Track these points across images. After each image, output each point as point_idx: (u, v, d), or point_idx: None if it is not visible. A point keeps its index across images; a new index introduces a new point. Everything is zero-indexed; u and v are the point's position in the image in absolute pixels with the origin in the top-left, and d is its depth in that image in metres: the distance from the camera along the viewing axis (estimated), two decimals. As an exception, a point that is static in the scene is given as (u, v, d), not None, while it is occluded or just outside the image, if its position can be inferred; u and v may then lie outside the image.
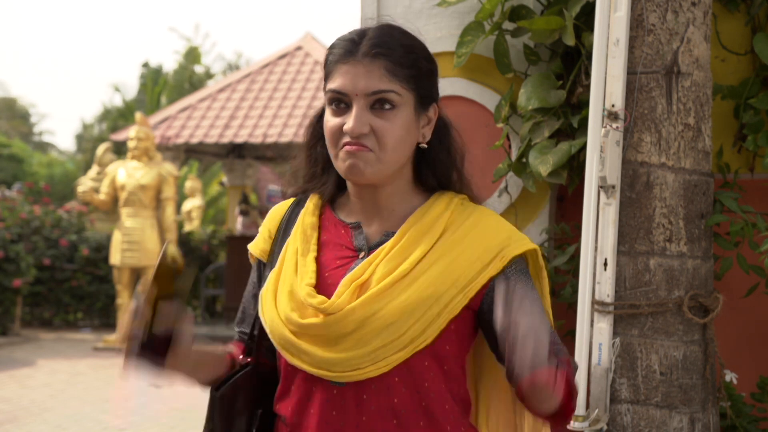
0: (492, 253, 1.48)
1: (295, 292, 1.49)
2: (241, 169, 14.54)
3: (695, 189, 2.38)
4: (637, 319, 2.36)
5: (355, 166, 1.46)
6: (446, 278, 1.45)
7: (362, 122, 1.45)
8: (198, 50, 24.14)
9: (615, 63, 2.36)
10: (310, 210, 1.59)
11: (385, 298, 1.43)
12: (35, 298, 12.31)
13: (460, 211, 1.54)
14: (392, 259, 1.47)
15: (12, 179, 22.35)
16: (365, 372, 1.43)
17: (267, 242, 1.64)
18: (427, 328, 1.43)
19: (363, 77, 1.45)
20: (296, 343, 1.46)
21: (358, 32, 1.50)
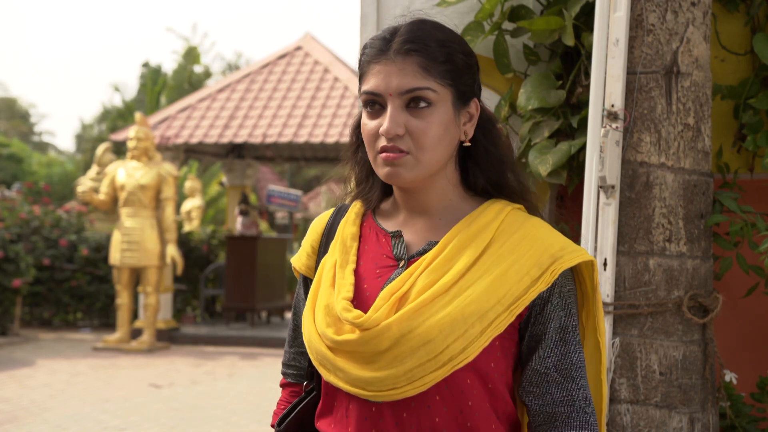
0: (542, 268, 1.40)
1: (332, 307, 1.43)
2: (240, 169, 14.54)
3: (695, 189, 2.38)
4: (637, 319, 2.36)
5: (394, 173, 1.41)
6: (491, 295, 1.37)
7: (397, 123, 1.39)
8: (197, 50, 24.13)
9: (615, 63, 2.36)
10: (351, 219, 1.53)
11: (423, 314, 1.36)
12: (35, 298, 12.31)
13: (511, 221, 1.45)
14: (434, 270, 1.40)
15: (11, 179, 22.35)
16: (402, 391, 1.36)
17: (311, 258, 1.58)
18: (468, 347, 1.35)
19: (396, 76, 1.39)
20: (332, 359, 1.41)
21: (390, 30, 1.45)
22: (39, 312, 12.78)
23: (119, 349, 10.55)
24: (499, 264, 1.40)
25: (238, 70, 21.40)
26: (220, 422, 6.79)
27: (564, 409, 1.40)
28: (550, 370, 1.41)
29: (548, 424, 1.41)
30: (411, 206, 1.49)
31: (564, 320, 1.42)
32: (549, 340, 1.41)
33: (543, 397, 1.41)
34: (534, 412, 1.43)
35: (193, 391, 8.12)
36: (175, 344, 11.36)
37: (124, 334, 10.74)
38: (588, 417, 1.41)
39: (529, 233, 1.43)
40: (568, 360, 1.41)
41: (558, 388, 1.41)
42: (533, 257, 1.40)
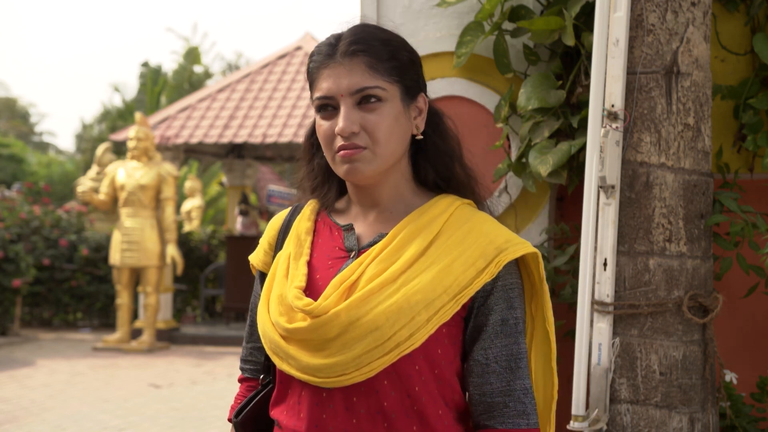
0: (487, 259, 1.45)
1: (285, 296, 1.49)
2: (240, 169, 14.54)
3: (695, 189, 2.38)
4: (637, 319, 2.36)
5: (354, 169, 1.46)
6: (438, 285, 1.43)
7: (351, 121, 1.44)
8: (197, 50, 24.13)
9: (615, 63, 2.36)
10: (306, 215, 1.59)
11: (371, 302, 1.41)
12: (35, 298, 12.31)
13: (459, 215, 1.51)
14: (383, 260, 1.45)
15: (12, 179, 22.35)
16: (351, 377, 1.41)
17: (268, 254, 1.64)
18: (414, 333, 1.41)
19: (345, 77, 1.45)
20: (285, 348, 1.46)
21: (334, 36, 1.50)
22: (39, 312, 12.78)
23: (119, 349, 10.55)
24: (447, 255, 1.45)
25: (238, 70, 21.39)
26: (220, 422, 6.79)
27: (502, 399, 1.46)
28: (490, 361, 1.47)
29: (487, 413, 1.47)
30: (364, 201, 1.55)
31: (505, 313, 1.48)
32: (490, 332, 1.47)
33: (483, 387, 1.47)
34: (474, 401, 1.49)
35: (193, 391, 8.12)
36: (175, 344, 11.36)
37: (124, 334, 10.74)
38: (525, 407, 1.46)
39: (476, 227, 1.49)
40: (508, 351, 1.47)
41: (497, 378, 1.47)
42: (479, 249, 1.46)
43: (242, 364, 1.74)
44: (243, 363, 1.74)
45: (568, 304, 2.78)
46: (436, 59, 2.96)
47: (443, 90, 2.94)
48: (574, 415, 2.35)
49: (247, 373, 1.73)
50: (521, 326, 1.49)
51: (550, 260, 2.79)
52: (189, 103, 12.79)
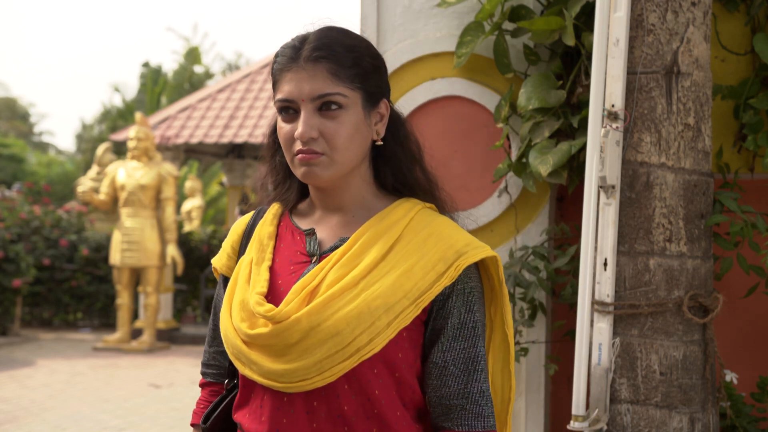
0: (447, 263, 1.46)
1: (246, 302, 1.49)
2: (240, 169, 14.54)
3: (695, 189, 2.38)
4: (637, 319, 2.36)
5: (311, 173, 1.47)
6: (398, 289, 1.43)
7: (311, 126, 1.45)
8: (198, 50, 24.12)
9: (615, 63, 2.36)
10: (269, 220, 1.60)
11: (331, 307, 1.42)
12: (35, 298, 12.31)
13: (420, 219, 1.52)
14: (343, 265, 1.46)
15: (12, 179, 22.36)
16: (312, 382, 1.42)
17: (231, 258, 1.65)
18: (374, 338, 1.42)
19: (307, 82, 1.46)
20: (247, 353, 1.47)
21: (299, 38, 1.51)
22: (39, 312, 12.78)
23: (119, 349, 10.55)
24: (407, 260, 1.46)
25: (238, 70, 21.39)
26: (220, 422, 6.79)
27: (459, 401, 1.48)
28: (448, 364, 1.48)
29: (445, 415, 1.49)
30: (326, 204, 1.56)
31: (464, 316, 1.49)
32: (448, 335, 1.48)
33: (441, 389, 1.49)
34: (433, 403, 1.50)
35: (193, 391, 8.12)
36: (175, 344, 11.37)
37: (124, 334, 10.74)
38: (482, 409, 1.48)
39: (436, 231, 1.50)
40: (466, 354, 1.48)
41: (455, 381, 1.48)
42: (439, 253, 1.47)
43: (204, 368, 1.74)
44: (205, 367, 1.74)
45: (568, 304, 2.78)
46: (437, 59, 2.96)
47: (443, 90, 2.94)
48: (575, 415, 2.35)
49: (209, 377, 1.73)
50: (480, 329, 1.51)
51: (550, 260, 2.79)
52: (189, 103, 12.79)
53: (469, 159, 2.93)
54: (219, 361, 1.71)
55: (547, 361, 2.82)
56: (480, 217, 2.89)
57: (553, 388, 2.95)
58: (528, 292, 2.72)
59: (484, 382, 1.50)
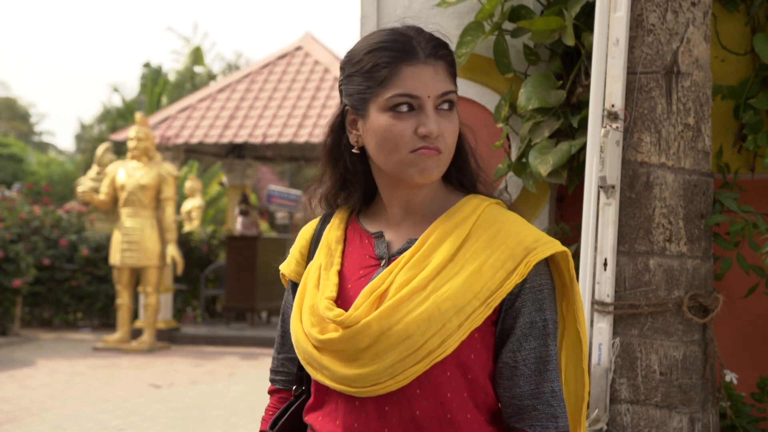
0: (516, 260, 1.43)
1: (316, 307, 1.48)
2: (240, 169, 14.54)
3: (695, 189, 2.38)
4: (637, 319, 2.36)
5: (429, 170, 1.44)
6: (468, 290, 1.41)
7: (438, 123, 1.43)
8: (201, 50, 24.11)
9: (615, 63, 2.36)
10: (336, 224, 1.57)
11: (401, 310, 1.40)
12: (35, 298, 12.31)
13: (487, 216, 1.49)
14: (412, 267, 1.44)
15: (12, 179, 22.36)
16: (384, 386, 1.41)
17: (300, 264, 1.62)
18: (446, 340, 1.40)
19: (431, 78, 1.43)
20: (318, 358, 1.45)
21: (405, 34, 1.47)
22: (39, 312, 12.78)
23: (119, 349, 10.55)
24: (475, 259, 1.44)
25: (238, 70, 21.39)
26: (220, 422, 6.79)
27: (530, 402, 1.45)
28: (519, 364, 1.45)
29: (517, 415, 1.46)
30: (402, 204, 1.52)
31: (534, 315, 1.46)
32: (518, 334, 1.45)
33: (512, 389, 1.46)
34: (504, 403, 1.48)
35: (193, 391, 8.12)
36: (175, 344, 11.36)
37: (124, 334, 10.74)
38: (554, 410, 1.45)
39: (504, 227, 1.47)
40: (537, 354, 1.45)
41: (526, 381, 1.45)
42: (508, 250, 1.44)
43: (273, 375, 1.71)
44: (274, 374, 1.71)
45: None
46: (437, 59, 2.96)
47: (443, 90, 2.94)
48: (575, 415, 2.35)
49: (278, 384, 1.70)
50: (551, 328, 1.47)
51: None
52: (189, 103, 12.79)
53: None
54: (288, 368, 1.68)
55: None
56: (480, 217, 2.89)
57: (553, 388, 2.95)
58: (528, 292, 2.71)
59: (555, 382, 1.46)
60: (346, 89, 1.51)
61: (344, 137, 1.53)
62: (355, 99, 1.48)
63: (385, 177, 1.51)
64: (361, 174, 1.55)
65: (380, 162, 1.48)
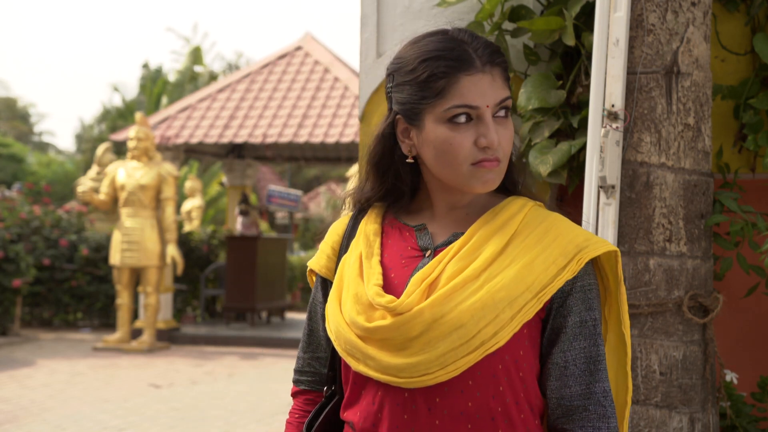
0: (568, 257, 1.42)
1: (361, 295, 1.44)
2: (240, 169, 14.54)
3: (695, 189, 2.38)
4: (637, 319, 2.36)
5: (492, 181, 1.43)
6: (520, 282, 1.39)
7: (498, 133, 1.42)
8: (200, 50, 24.11)
9: (615, 63, 2.36)
10: (372, 218, 1.55)
11: (454, 299, 1.38)
12: (35, 298, 12.31)
13: (534, 215, 1.48)
14: (462, 258, 1.42)
15: (12, 179, 22.36)
16: (434, 377, 1.38)
17: (331, 260, 1.59)
18: (499, 331, 1.37)
19: (490, 87, 1.41)
20: (362, 348, 1.42)
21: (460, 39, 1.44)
22: (39, 312, 12.78)
23: (119, 349, 10.55)
24: (526, 253, 1.42)
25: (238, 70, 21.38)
26: (220, 422, 6.79)
27: (582, 402, 1.43)
28: (569, 364, 1.43)
29: (566, 416, 1.44)
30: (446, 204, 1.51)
31: (584, 314, 1.44)
32: (569, 334, 1.43)
33: (561, 390, 1.44)
34: (553, 404, 1.45)
35: (193, 391, 8.12)
36: (175, 344, 11.36)
37: (124, 334, 10.74)
38: (605, 410, 1.43)
39: (553, 225, 1.46)
40: (587, 354, 1.44)
41: (576, 381, 1.43)
42: (559, 247, 1.43)
43: (297, 375, 1.67)
44: (299, 374, 1.67)
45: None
46: (437, 59, 2.96)
47: (443, 90, 2.94)
48: (575, 415, 2.35)
49: (303, 385, 1.65)
50: (599, 328, 1.46)
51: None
52: (189, 103, 12.78)
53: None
54: (315, 368, 1.64)
55: (547, 361, 2.82)
56: (480, 217, 2.89)
57: (553, 388, 2.95)
58: (528, 292, 2.72)
59: (606, 382, 1.44)
60: (397, 98, 1.47)
61: (396, 147, 1.50)
62: (408, 108, 1.45)
63: (438, 184, 1.49)
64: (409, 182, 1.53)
65: (437, 172, 1.46)
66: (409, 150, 1.48)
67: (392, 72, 1.48)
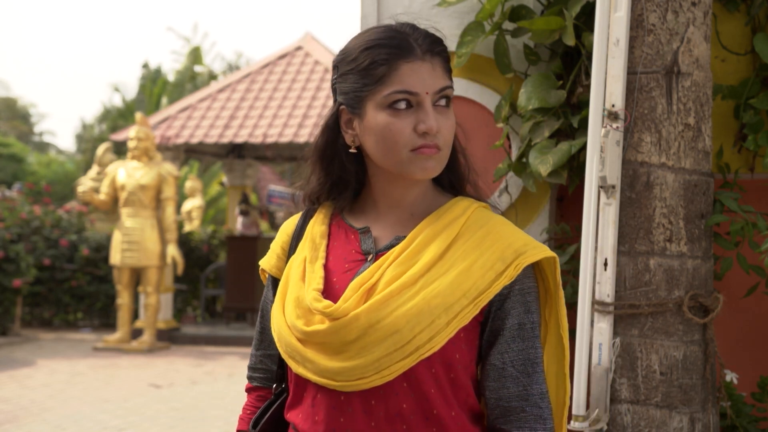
0: (506, 262, 1.43)
1: (302, 299, 1.46)
2: (241, 169, 14.54)
3: (695, 189, 2.38)
4: (637, 319, 2.36)
5: (431, 167, 1.44)
6: (457, 288, 1.41)
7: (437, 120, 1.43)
8: (200, 50, 24.11)
9: (615, 63, 2.36)
10: (320, 219, 1.56)
11: (391, 305, 1.40)
12: (35, 298, 12.31)
13: (477, 218, 1.49)
14: (401, 263, 1.43)
15: (12, 179, 22.35)
16: (370, 381, 1.40)
17: (281, 259, 1.61)
18: (434, 337, 1.39)
19: (429, 75, 1.43)
20: (302, 351, 1.44)
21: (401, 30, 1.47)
22: (39, 312, 12.78)
23: (119, 349, 10.55)
24: (465, 259, 1.44)
25: (239, 70, 21.38)
26: (220, 422, 6.79)
27: (519, 403, 1.45)
28: (507, 365, 1.46)
29: (504, 417, 1.46)
30: (391, 202, 1.52)
31: (522, 317, 1.47)
32: (507, 336, 1.46)
33: (499, 391, 1.46)
34: (491, 405, 1.48)
35: (193, 391, 8.12)
36: (175, 344, 11.37)
37: (125, 334, 10.74)
38: (542, 411, 1.46)
39: (493, 229, 1.48)
40: (525, 356, 1.46)
41: (514, 383, 1.46)
42: (497, 252, 1.44)
43: (251, 372, 1.70)
44: (251, 371, 1.70)
45: (568, 304, 2.77)
46: (437, 59, 2.96)
47: (443, 90, 2.94)
48: (575, 415, 2.35)
49: (256, 381, 1.69)
50: (537, 330, 1.48)
51: (550, 260, 2.79)
52: (189, 103, 12.78)
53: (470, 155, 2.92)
54: (267, 365, 1.67)
55: (547, 361, 2.82)
56: (480, 217, 2.89)
57: (553, 388, 2.95)
58: (528, 292, 2.72)
59: (543, 384, 1.47)
60: (341, 88, 1.49)
61: (339, 137, 1.52)
62: (351, 97, 1.47)
63: (381, 174, 1.50)
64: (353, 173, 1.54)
65: (379, 160, 1.47)
66: (352, 140, 1.50)
67: (337, 64, 1.51)
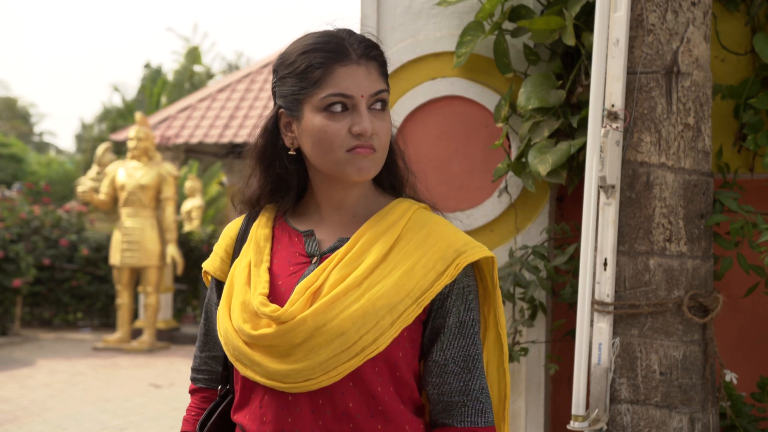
0: (447, 262, 1.48)
1: (248, 303, 1.49)
2: (240, 169, 14.53)
3: (695, 189, 2.38)
4: (637, 319, 2.36)
5: (366, 168, 1.48)
6: (400, 289, 1.45)
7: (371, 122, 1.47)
8: (198, 50, 24.10)
9: (615, 63, 2.36)
10: (263, 222, 1.59)
11: (336, 307, 1.43)
12: (35, 298, 12.31)
13: (417, 219, 1.53)
14: (346, 265, 1.47)
15: (11, 179, 22.36)
16: (317, 382, 1.43)
17: (225, 262, 1.64)
18: (379, 338, 1.43)
19: (365, 78, 1.47)
20: (249, 354, 1.46)
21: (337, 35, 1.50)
22: (39, 312, 12.78)
23: (119, 349, 10.55)
24: (407, 259, 1.48)
25: (238, 70, 21.38)
26: (221, 422, 6.79)
27: (460, 398, 1.50)
28: (449, 362, 1.50)
29: (446, 412, 1.51)
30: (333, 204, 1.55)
31: (463, 314, 1.51)
32: (448, 333, 1.51)
33: (441, 386, 1.51)
34: (433, 400, 1.53)
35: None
36: (176, 344, 11.36)
37: (125, 334, 10.74)
38: (483, 406, 1.51)
39: (434, 230, 1.52)
40: (466, 352, 1.51)
41: (455, 378, 1.50)
42: (438, 252, 1.49)
43: (195, 374, 1.72)
44: (196, 373, 1.72)
45: (568, 304, 2.78)
46: (437, 59, 2.96)
47: (443, 90, 2.94)
48: (574, 415, 2.35)
49: (201, 383, 1.71)
50: (477, 328, 1.53)
51: (550, 260, 2.79)
52: (189, 103, 12.78)
53: (469, 159, 2.93)
54: (211, 366, 1.70)
55: (547, 361, 2.82)
56: (480, 217, 2.89)
57: (553, 388, 2.96)
58: (528, 292, 2.72)
59: (483, 379, 1.52)
60: (280, 91, 1.53)
61: (279, 140, 1.55)
62: (289, 100, 1.50)
63: (320, 177, 1.54)
64: (294, 175, 1.57)
65: (316, 162, 1.50)
66: (291, 143, 1.53)
67: (276, 67, 1.54)
